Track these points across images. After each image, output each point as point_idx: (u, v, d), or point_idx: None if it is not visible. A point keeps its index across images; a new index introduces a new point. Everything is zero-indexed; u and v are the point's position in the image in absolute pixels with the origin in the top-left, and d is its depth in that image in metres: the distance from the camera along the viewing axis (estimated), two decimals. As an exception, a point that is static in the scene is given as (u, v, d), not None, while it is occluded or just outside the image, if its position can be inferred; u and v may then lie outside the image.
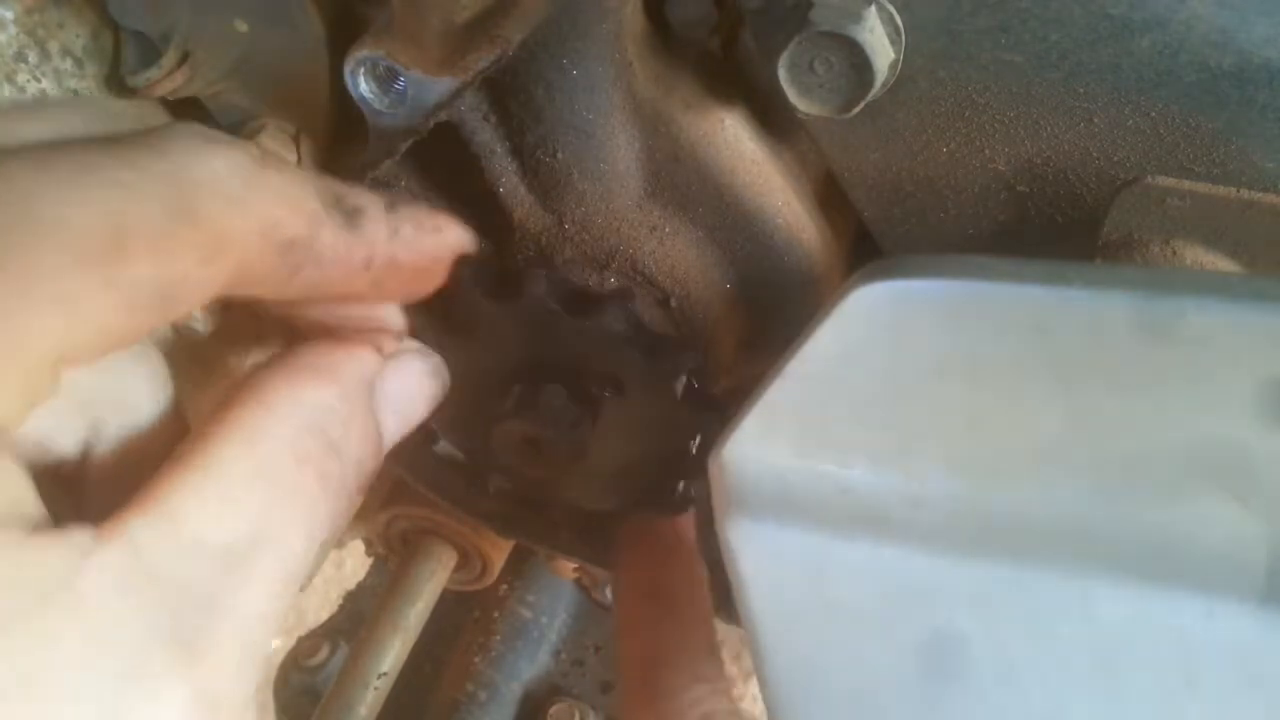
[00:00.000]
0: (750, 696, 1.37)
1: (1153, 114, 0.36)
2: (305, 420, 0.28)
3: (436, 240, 0.33)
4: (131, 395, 0.29)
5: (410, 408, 0.35)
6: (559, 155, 0.44)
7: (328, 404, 0.29)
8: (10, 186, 0.22)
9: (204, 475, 0.26)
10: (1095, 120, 0.37)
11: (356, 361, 0.31)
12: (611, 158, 0.44)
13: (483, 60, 0.38)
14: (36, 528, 0.22)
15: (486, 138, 0.44)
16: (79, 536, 0.23)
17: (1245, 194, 0.36)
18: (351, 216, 0.29)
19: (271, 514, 0.27)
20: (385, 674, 0.71)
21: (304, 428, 0.28)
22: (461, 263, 0.35)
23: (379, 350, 0.33)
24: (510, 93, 0.43)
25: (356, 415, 0.30)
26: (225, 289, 0.26)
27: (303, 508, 0.28)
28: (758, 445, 0.31)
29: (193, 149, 0.26)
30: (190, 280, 0.25)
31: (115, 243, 0.23)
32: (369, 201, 0.30)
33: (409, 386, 0.35)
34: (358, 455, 0.30)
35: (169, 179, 0.25)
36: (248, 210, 0.26)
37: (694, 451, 0.47)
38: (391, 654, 0.72)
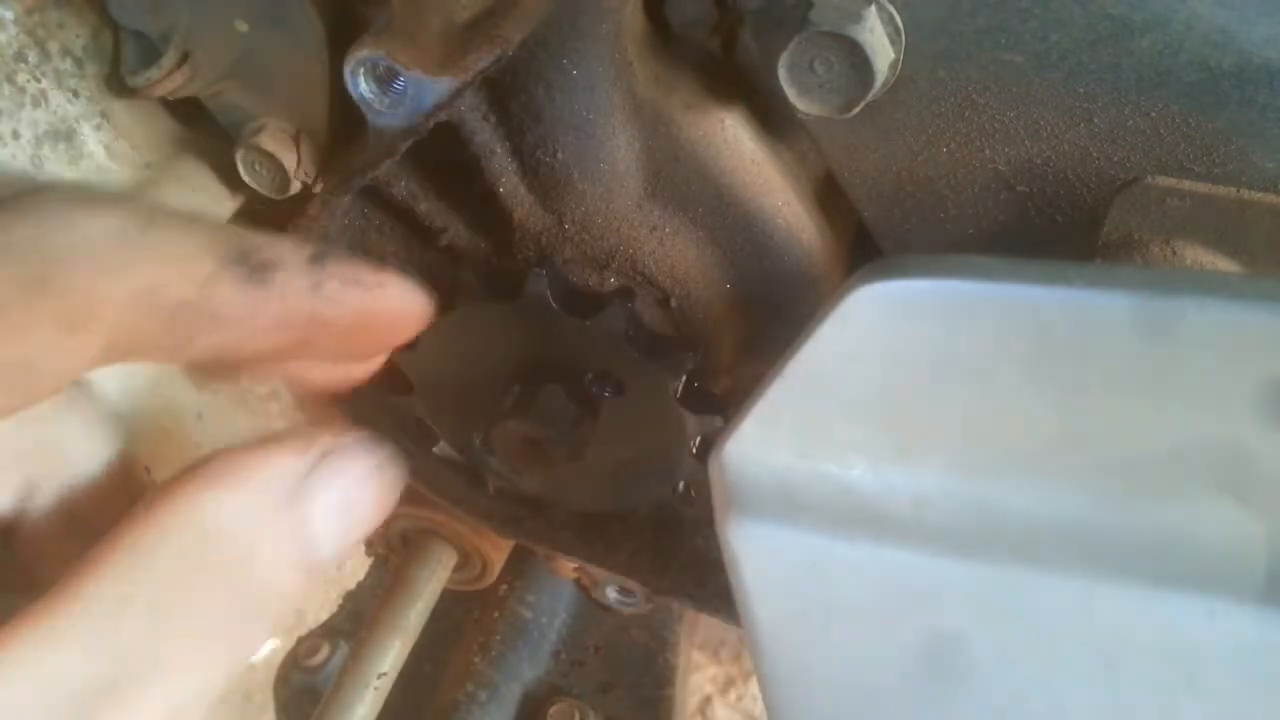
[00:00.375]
0: (750, 696, 1.38)
1: (1153, 114, 0.36)
2: (202, 533, 0.25)
3: (372, 297, 0.30)
4: (68, 447, 0.28)
5: (353, 510, 0.29)
6: (559, 155, 0.44)
7: (232, 512, 0.26)
8: None
9: (66, 613, 0.23)
10: (1095, 120, 0.37)
11: (273, 462, 0.27)
12: (611, 158, 0.44)
13: (483, 60, 0.38)
14: None
15: (486, 138, 0.44)
16: None
17: (1245, 194, 0.36)
18: (259, 271, 0.27)
19: (151, 644, 0.24)
20: (385, 674, 0.71)
21: (200, 542, 0.25)
22: (462, 265, 0.35)
23: (305, 450, 0.28)
24: (510, 93, 0.42)
25: (271, 522, 0.27)
26: (103, 359, 0.25)
27: (195, 632, 0.25)
28: (758, 445, 0.31)
29: (58, 214, 0.24)
30: (52, 354, 0.24)
31: None
32: (287, 255, 0.28)
33: (348, 485, 0.29)
34: (275, 565, 0.27)
35: (23, 248, 0.23)
36: (121, 275, 0.25)
37: (694, 451, 0.47)
38: (391, 654, 0.72)
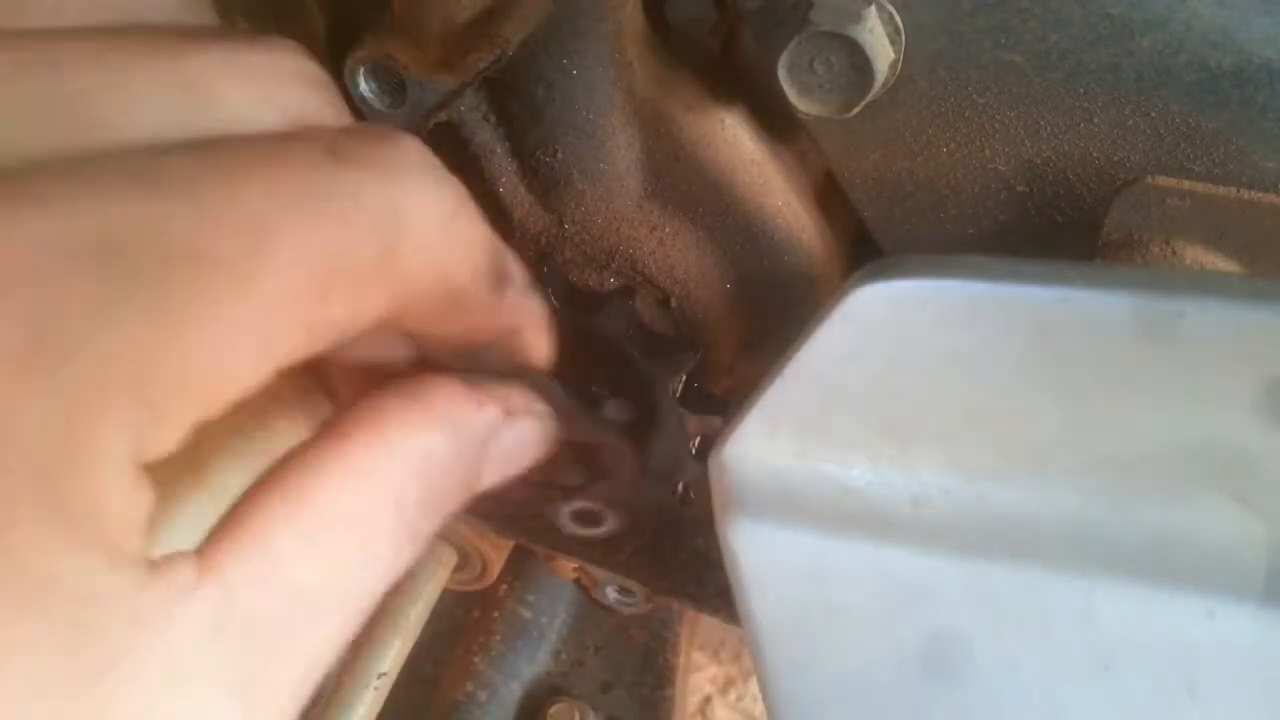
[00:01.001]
0: (750, 696, 1.38)
1: (1153, 114, 0.36)
2: (414, 468, 0.27)
3: (542, 329, 0.32)
4: None
5: (511, 467, 0.33)
6: (559, 155, 0.44)
7: (441, 457, 0.28)
8: (242, 213, 0.21)
9: (302, 512, 0.24)
10: (1095, 120, 0.37)
11: (481, 418, 0.30)
12: (611, 158, 0.44)
13: (483, 60, 0.38)
14: (136, 549, 0.21)
15: (486, 138, 0.44)
16: (180, 575, 0.22)
17: (1245, 194, 0.36)
18: (502, 280, 0.29)
19: (359, 559, 0.25)
20: (385, 674, 0.71)
21: (411, 476, 0.27)
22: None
23: (506, 409, 0.31)
24: (510, 93, 0.43)
25: (462, 471, 0.29)
26: (381, 322, 0.25)
27: (386, 557, 0.26)
28: (758, 445, 0.31)
29: (413, 176, 0.25)
30: (368, 318, 0.24)
31: (322, 285, 0.22)
32: (518, 270, 0.30)
33: (518, 450, 0.32)
34: (449, 509, 0.29)
35: (386, 213, 0.24)
36: (438, 257, 0.25)
37: (694, 451, 0.47)
38: (391, 654, 0.72)
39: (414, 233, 0.24)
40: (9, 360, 0.18)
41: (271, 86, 0.25)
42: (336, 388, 0.34)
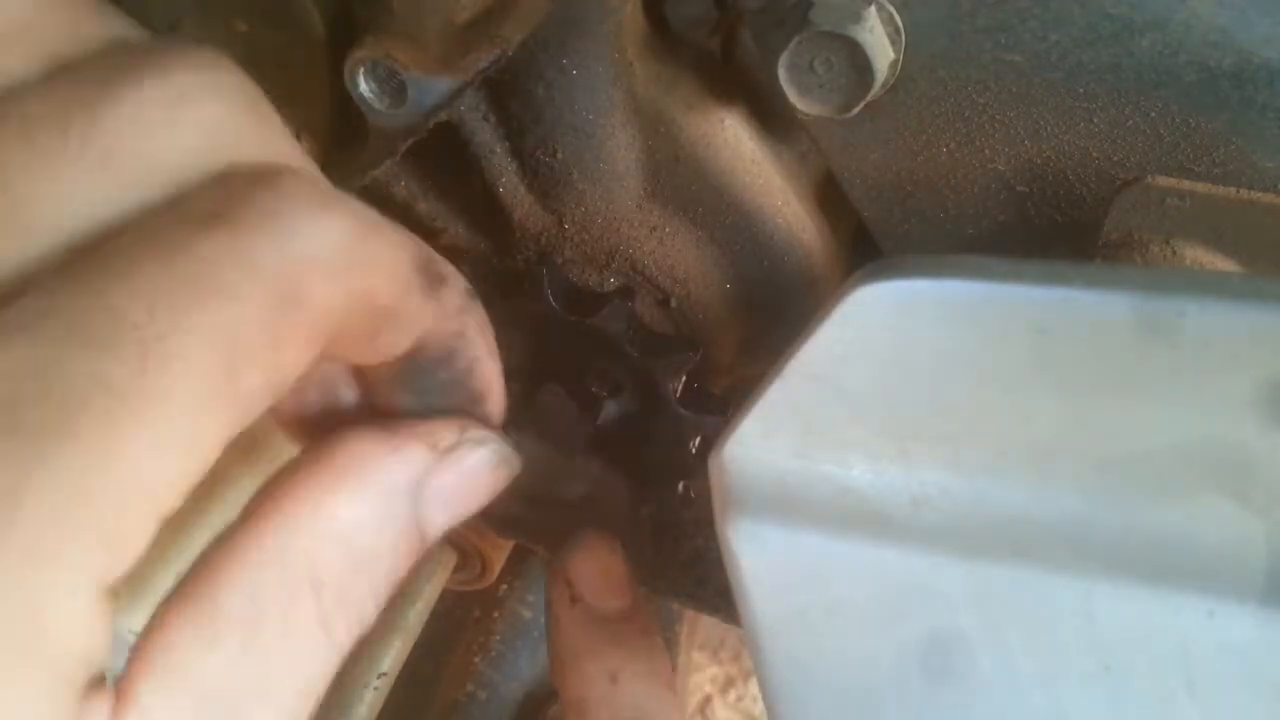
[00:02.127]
0: (750, 696, 1.38)
1: (1153, 114, 0.36)
2: (327, 540, 0.26)
3: (488, 329, 0.31)
4: None
5: (463, 502, 0.30)
6: (559, 155, 0.44)
7: (358, 519, 0.26)
8: (129, 332, 0.21)
9: (206, 617, 0.24)
10: (1095, 120, 0.37)
11: (401, 464, 0.28)
12: (611, 158, 0.44)
13: (483, 60, 0.38)
14: (75, 688, 0.21)
15: (486, 138, 0.44)
16: (97, 713, 0.21)
17: (1245, 194, 0.36)
18: (435, 283, 0.28)
19: (279, 654, 0.24)
20: (385, 674, 0.71)
21: (326, 550, 0.25)
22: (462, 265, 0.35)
23: (433, 446, 0.29)
24: (510, 93, 0.43)
25: (391, 526, 0.27)
26: (314, 363, 0.24)
27: (315, 642, 0.25)
28: (758, 445, 0.31)
29: (306, 217, 0.24)
30: (293, 368, 0.23)
31: (227, 367, 0.22)
32: (451, 271, 0.29)
33: (464, 482, 0.30)
34: (388, 566, 0.27)
35: (280, 269, 0.23)
36: (350, 283, 0.24)
37: (694, 451, 0.47)
38: (391, 654, 0.72)
39: (317, 272, 0.23)
40: None
41: (191, 128, 0.24)
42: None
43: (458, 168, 0.46)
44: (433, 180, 0.48)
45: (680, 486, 0.50)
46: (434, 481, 0.29)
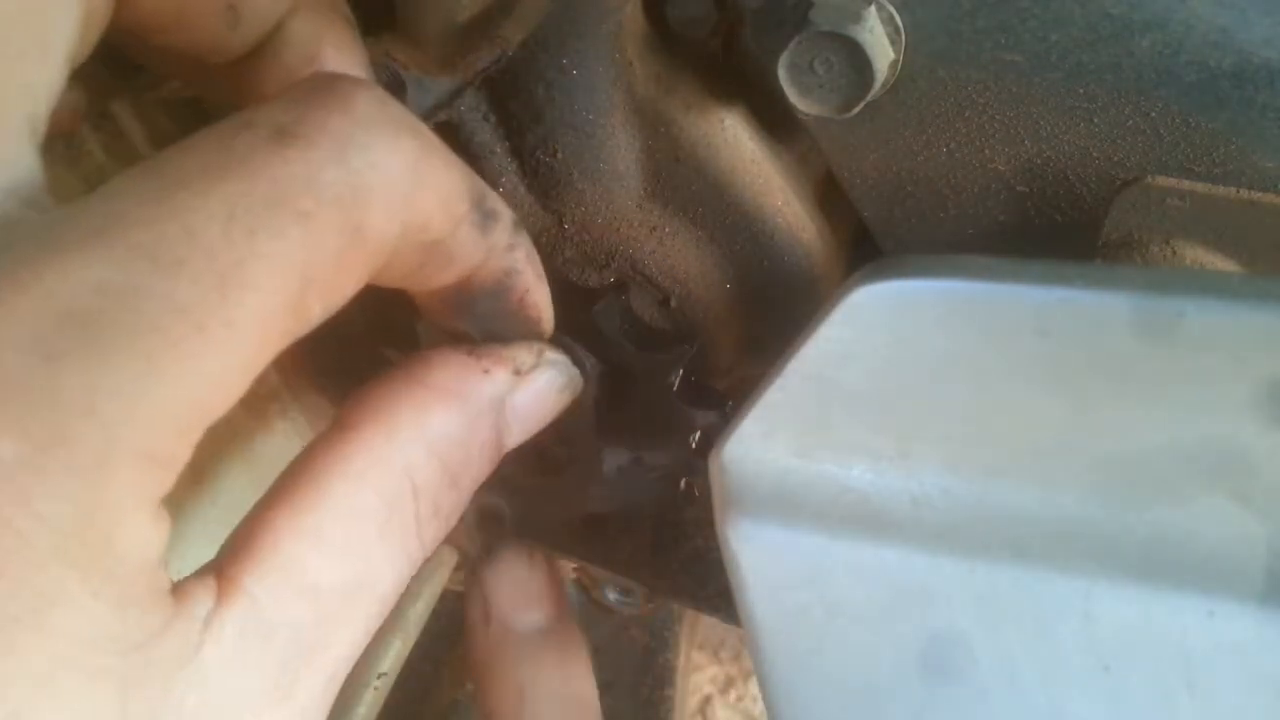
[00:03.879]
0: (750, 696, 1.38)
1: (1153, 114, 0.36)
2: (427, 451, 0.27)
3: (538, 270, 0.32)
4: None
5: (536, 420, 0.32)
6: (559, 155, 0.44)
7: (453, 433, 0.28)
8: (202, 254, 0.21)
9: (319, 517, 0.24)
10: (1095, 120, 0.37)
11: (490, 384, 0.29)
12: (611, 158, 0.44)
13: (483, 60, 0.38)
14: (162, 589, 0.22)
15: (486, 138, 0.44)
16: (201, 602, 0.22)
17: (1245, 194, 0.36)
18: (488, 219, 0.28)
19: (380, 552, 0.25)
20: (385, 674, 0.71)
21: (425, 459, 0.27)
22: None
23: (516, 369, 0.31)
24: (510, 93, 0.43)
25: (479, 440, 0.29)
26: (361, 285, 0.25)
27: (410, 544, 0.26)
28: (758, 445, 0.31)
29: (369, 137, 0.24)
30: (346, 296, 0.24)
31: (299, 296, 0.22)
32: (503, 208, 0.29)
33: (539, 403, 0.32)
34: (474, 479, 0.29)
35: (347, 192, 0.23)
36: (409, 214, 0.25)
37: (693, 449, 0.47)
38: (391, 654, 0.72)
39: (379, 199, 0.24)
40: (13, 465, 0.19)
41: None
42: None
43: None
44: (433, 180, 0.48)
45: (681, 485, 0.50)
46: (513, 400, 0.30)
